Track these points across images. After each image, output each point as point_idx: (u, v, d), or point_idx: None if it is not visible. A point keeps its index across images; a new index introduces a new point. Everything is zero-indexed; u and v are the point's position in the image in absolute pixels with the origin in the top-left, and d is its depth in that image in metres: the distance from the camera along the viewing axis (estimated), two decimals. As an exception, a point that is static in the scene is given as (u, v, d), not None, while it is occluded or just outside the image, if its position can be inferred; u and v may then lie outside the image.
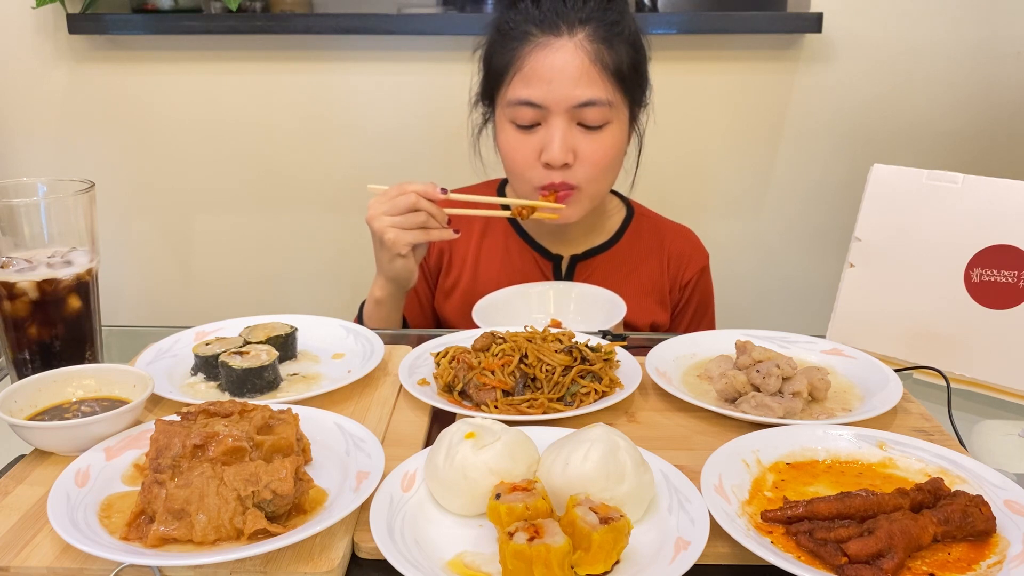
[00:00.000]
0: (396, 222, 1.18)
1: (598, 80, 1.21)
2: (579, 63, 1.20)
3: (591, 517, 0.63)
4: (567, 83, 1.19)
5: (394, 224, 1.18)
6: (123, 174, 2.15)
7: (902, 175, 1.08)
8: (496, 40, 1.27)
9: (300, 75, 2.06)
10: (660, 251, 1.42)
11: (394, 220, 1.17)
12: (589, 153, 1.23)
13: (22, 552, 0.66)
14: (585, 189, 1.26)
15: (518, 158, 1.25)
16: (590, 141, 1.23)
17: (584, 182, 1.25)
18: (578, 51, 1.20)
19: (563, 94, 1.20)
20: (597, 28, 1.21)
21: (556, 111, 1.21)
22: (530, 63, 1.21)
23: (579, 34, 1.21)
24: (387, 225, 1.18)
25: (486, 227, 1.41)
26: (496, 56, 1.26)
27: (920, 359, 1.05)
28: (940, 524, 0.66)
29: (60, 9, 1.97)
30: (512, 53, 1.23)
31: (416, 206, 1.17)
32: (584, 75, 1.20)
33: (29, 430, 0.79)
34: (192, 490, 0.66)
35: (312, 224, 2.18)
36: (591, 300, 1.27)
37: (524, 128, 1.24)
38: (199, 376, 0.98)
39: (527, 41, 1.22)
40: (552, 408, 0.89)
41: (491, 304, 1.23)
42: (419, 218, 1.18)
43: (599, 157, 1.24)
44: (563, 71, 1.19)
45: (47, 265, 0.93)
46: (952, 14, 1.97)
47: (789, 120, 2.08)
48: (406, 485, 0.73)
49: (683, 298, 1.43)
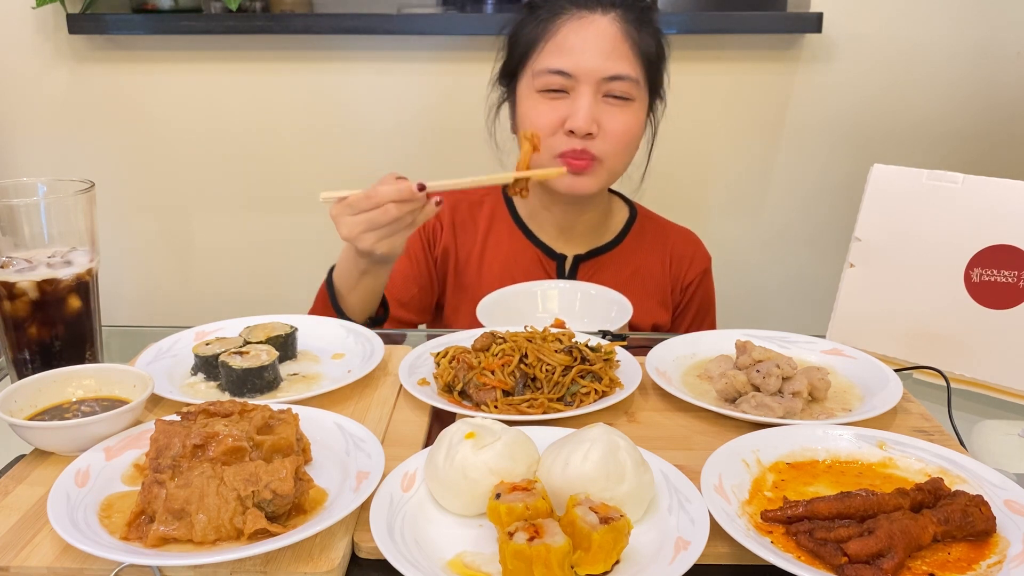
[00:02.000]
0: (380, 234, 1.08)
1: (628, 56, 1.24)
2: (612, 37, 1.23)
3: (591, 517, 0.63)
4: (598, 55, 1.23)
5: (379, 237, 1.08)
6: (123, 174, 2.15)
7: (902, 175, 1.08)
8: (526, 18, 1.30)
9: (300, 75, 2.06)
10: (663, 252, 1.42)
11: (378, 234, 1.08)
12: (613, 126, 1.25)
13: (22, 552, 0.66)
14: (605, 162, 1.27)
15: (542, 123, 1.25)
16: (614, 115, 1.26)
17: (604, 155, 1.26)
18: (611, 26, 1.24)
19: (594, 65, 1.23)
20: (629, 11, 1.26)
21: (585, 81, 1.23)
22: (563, 33, 1.24)
23: (612, 12, 1.25)
24: (373, 241, 1.08)
25: (490, 226, 1.41)
26: (526, 31, 1.29)
27: (920, 359, 1.05)
28: (940, 524, 0.66)
29: (60, 9, 1.97)
30: (544, 25, 1.26)
31: (399, 216, 1.07)
32: (615, 49, 1.23)
33: (29, 430, 0.79)
34: (192, 490, 0.66)
35: (312, 224, 2.18)
36: (596, 300, 1.27)
37: (551, 94, 1.25)
38: (199, 376, 0.98)
39: (561, 14, 1.26)
40: (552, 408, 0.89)
41: (495, 302, 1.23)
42: (403, 222, 1.09)
43: (622, 131, 1.26)
44: (595, 43, 1.23)
45: (47, 265, 0.93)
46: (952, 14, 1.97)
47: (789, 120, 2.08)
48: (406, 485, 0.73)
49: (684, 299, 1.43)
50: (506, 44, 1.33)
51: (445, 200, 1.40)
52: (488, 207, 1.43)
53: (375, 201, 1.07)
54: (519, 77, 1.31)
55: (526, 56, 1.28)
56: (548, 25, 1.26)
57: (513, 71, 1.32)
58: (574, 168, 1.25)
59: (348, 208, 1.09)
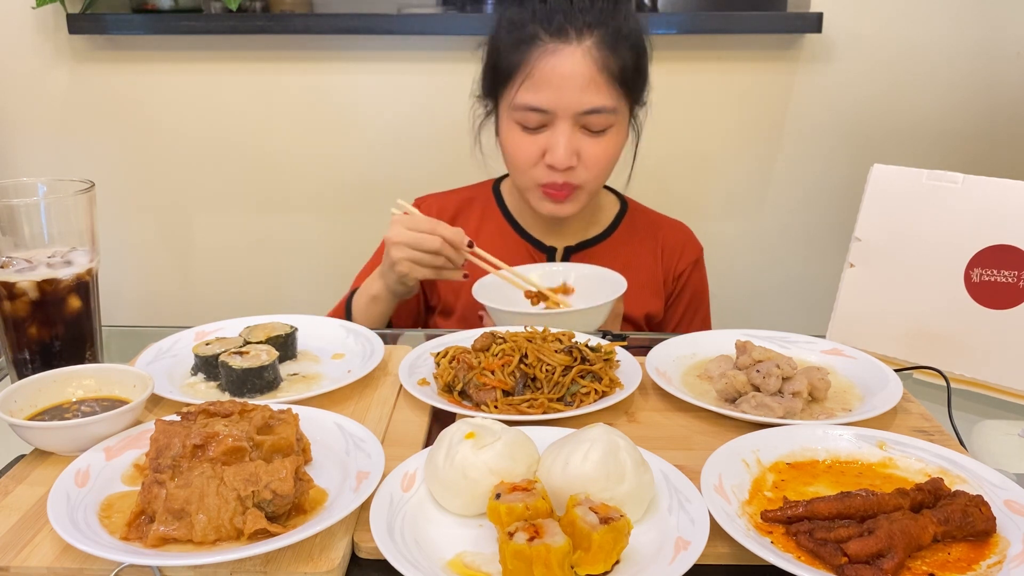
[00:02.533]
0: (414, 256, 1.18)
1: (604, 88, 1.22)
2: (587, 71, 1.21)
3: (591, 517, 0.63)
4: (574, 91, 1.21)
5: (411, 258, 1.18)
6: (123, 174, 2.14)
7: (902, 175, 1.08)
8: (503, 39, 1.27)
9: (300, 75, 2.06)
10: (654, 243, 1.43)
11: (413, 255, 1.17)
12: (592, 156, 1.26)
13: (22, 552, 0.66)
14: (585, 187, 1.29)
15: (522, 156, 1.28)
16: (593, 144, 1.25)
17: (585, 182, 1.28)
18: (586, 58, 1.21)
19: (570, 101, 1.21)
20: (605, 34, 1.22)
21: (562, 116, 1.23)
22: (539, 69, 1.22)
23: (587, 40, 1.22)
24: (404, 257, 1.18)
25: (481, 223, 1.42)
26: (503, 56, 1.26)
27: (920, 359, 1.05)
28: (940, 524, 0.66)
29: (60, 9, 1.97)
30: (520, 56, 1.23)
31: (440, 251, 1.17)
32: (591, 83, 1.21)
33: (29, 430, 0.79)
34: (192, 490, 0.66)
35: (312, 224, 2.18)
36: (591, 279, 1.28)
37: (530, 129, 1.26)
38: (199, 376, 0.98)
39: (535, 45, 1.22)
40: (552, 408, 0.89)
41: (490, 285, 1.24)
42: (437, 261, 1.19)
43: (601, 160, 1.27)
44: (571, 79, 1.21)
45: (47, 265, 0.93)
46: (952, 14, 1.97)
47: (789, 120, 2.08)
48: (406, 485, 0.73)
49: (677, 288, 1.44)
50: (484, 63, 1.31)
51: (434, 202, 1.43)
52: (479, 204, 1.44)
53: (431, 228, 1.17)
54: (499, 99, 1.30)
55: (503, 84, 1.27)
56: (523, 55, 1.23)
57: (494, 92, 1.31)
58: (555, 199, 1.29)
59: (408, 221, 1.19)
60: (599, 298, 1.16)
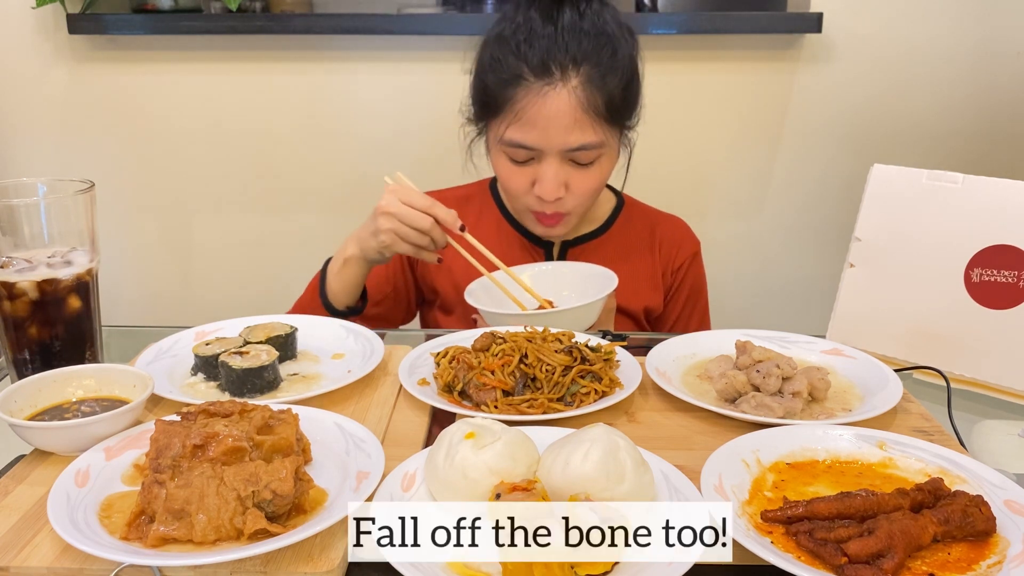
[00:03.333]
0: (402, 231, 1.18)
1: (590, 126, 1.20)
2: (571, 111, 1.19)
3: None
4: (560, 131, 1.20)
5: (398, 231, 1.18)
6: (123, 174, 2.14)
7: (902, 175, 1.08)
8: (488, 71, 1.24)
9: (300, 75, 2.06)
10: (651, 238, 1.43)
11: (401, 228, 1.18)
12: (580, 186, 1.26)
13: (22, 552, 0.66)
14: (575, 212, 1.30)
15: (512, 186, 1.28)
16: (581, 175, 1.25)
17: (575, 208, 1.29)
18: (571, 98, 1.18)
19: (556, 141, 1.21)
20: (590, 70, 1.19)
21: (549, 152, 1.22)
22: (523, 109, 1.20)
23: (572, 79, 1.19)
24: (391, 228, 1.18)
25: (478, 219, 1.42)
26: (489, 91, 1.24)
27: (920, 359, 1.05)
28: (940, 524, 0.66)
29: (60, 9, 1.97)
30: (505, 93, 1.21)
31: (429, 232, 1.18)
32: (576, 123, 1.19)
33: (29, 430, 0.79)
34: (192, 490, 0.66)
35: (312, 224, 2.18)
36: (582, 276, 1.28)
37: (519, 162, 1.26)
38: (199, 376, 0.98)
39: (520, 84, 1.20)
40: (552, 408, 0.89)
41: (482, 287, 1.24)
42: (423, 240, 1.19)
43: (590, 189, 1.27)
44: (556, 120, 1.19)
45: (47, 265, 0.92)
46: (952, 14, 1.97)
47: (789, 120, 2.08)
48: (406, 485, 0.73)
49: (675, 283, 1.44)
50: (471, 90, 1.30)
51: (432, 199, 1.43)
52: (477, 201, 1.45)
53: (426, 206, 1.18)
54: (488, 126, 1.29)
55: (490, 116, 1.26)
56: (508, 93, 1.21)
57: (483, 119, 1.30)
58: (545, 224, 1.30)
59: (404, 193, 1.19)
60: (591, 295, 1.16)
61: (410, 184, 1.22)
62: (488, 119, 1.28)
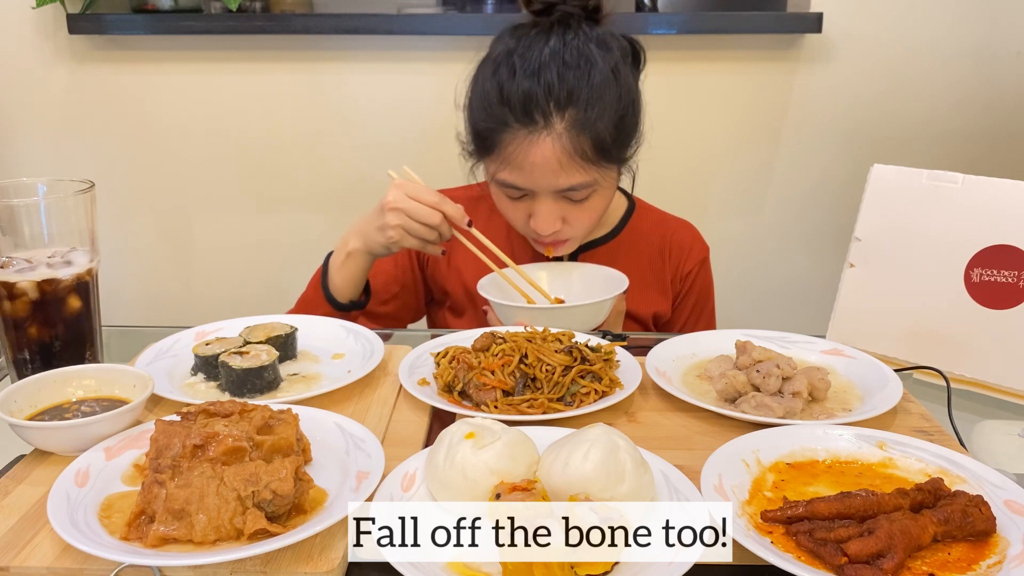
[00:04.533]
0: (410, 226, 1.17)
1: (578, 170, 1.17)
2: (557, 158, 1.15)
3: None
4: (548, 175, 1.17)
5: (406, 227, 1.17)
6: (123, 174, 2.14)
7: (902, 175, 1.08)
8: (477, 114, 1.22)
9: (300, 75, 2.06)
10: (661, 243, 1.43)
11: (409, 224, 1.17)
12: (577, 219, 1.25)
13: (22, 552, 0.66)
14: (576, 238, 1.30)
15: (511, 218, 1.29)
16: (577, 210, 1.24)
17: (574, 235, 1.28)
18: (556, 145, 1.15)
19: (546, 184, 1.19)
20: (576, 114, 1.15)
21: (542, 192, 1.21)
22: (512, 154, 1.18)
23: (557, 125, 1.14)
24: (400, 224, 1.17)
25: (489, 218, 1.42)
26: (479, 133, 1.23)
27: (920, 359, 1.05)
28: (940, 524, 0.66)
29: (60, 9, 1.97)
30: (494, 138, 1.19)
31: (437, 227, 1.18)
32: (564, 168, 1.16)
33: (29, 430, 0.79)
34: (192, 490, 0.66)
35: (312, 224, 2.18)
36: (593, 276, 1.28)
37: (514, 199, 1.25)
38: (199, 376, 0.98)
39: (506, 131, 1.17)
40: (552, 408, 0.89)
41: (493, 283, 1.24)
42: (431, 235, 1.19)
43: (587, 221, 1.26)
44: (543, 166, 1.16)
45: (47, 265, 0.92)
46: (952, 14, 1.97)
47: (789, 120, 2.08)
48: (406, 485, 0.73)
49: (684, 288, 1.44)
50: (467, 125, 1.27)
51: (440, 193, 1.42)
52: (487, 204, 1.44)
53: (434, 202, 1.18)
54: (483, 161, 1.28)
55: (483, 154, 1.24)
56: (495, 138, 1.18)
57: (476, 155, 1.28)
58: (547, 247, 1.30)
59: (411, 188, 1.18)
60: (601, 296, 1.16)
61: (417, 178, 1.21)
62: (482, 156, 1.27)
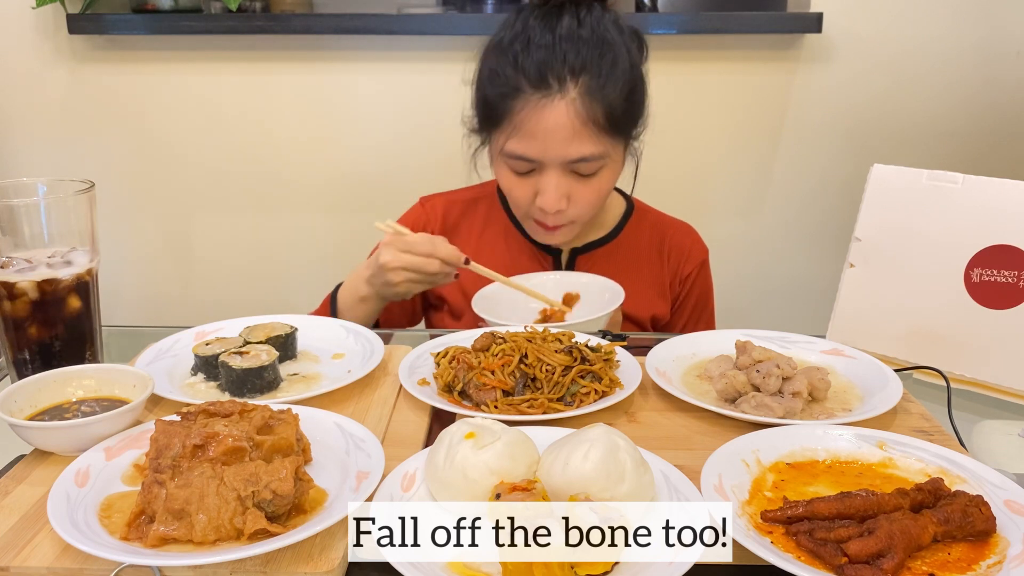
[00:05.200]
0: (412, 278, 1.19)
1: (590, 138, 1.19)
2: (571, 124, 1.17)
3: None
4: (560, 143, 1.19)
5: (409, 279, 1.19)
6: (123, 174, 2.15)
7: (902, 175, 1.08)
8: (487, 84, 1.24)
9: (300, 75, 2.06)
10: (660, 245, 1.43)
11: (411, 277, 1.18)
12: (583, 196, 1.25)
13: (22, 552, 0.66)
14: (579, 220, 1.30)
15: (515, 196, 1.28)
16: (584, 186, 1.25)
17: (578, 216, 1.28)
18: (569, 110, 1.17)
19: (556, 153, 1.20)
20: (590, 81, 1.17)
21: (550, 164, 1.22)
22: (523, 122, 1.19)
23: (571, 91, 1.17)
24: (403, 279, 1.18)
25: (486, 224, 1.42)
26: (489, 103, 1.24)
27: (920, 359, 1.05)
28: (940, 524, 0.66)
29: (60, 9, 1.97)
30: (505, 106, 1.21)
31: (436, 272, 1.19)
32: (576, 135, 1.18)
33: (29, 430, 0.79)
34: (192, 490, 0.66)
35: (312, 224, 2.18)
36: (589, 289, 1.28)
37: (521, 173, 1.25)
38: (199, 376, 0.98)
39: (518, 97, 1.19)
40: (552, 408, 0.89)
41: (489, 297, 1.24)
42: (436, 279, 1.21)
43: (593, 199, 1.27)
44: (555, 132, 1.18)
45: (47, 265, 0.92)
46: (952, 14, 1.97)
47: (789, 120, 2.08)
48: (406, 485, 0.73)
49: (683, 291, 1.44)
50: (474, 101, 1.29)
51: (440, 201, 1.43)
52: (484, 206, 1.44)
53: (428, 251, 1.17)
54: (490, 136, 1.29)
55: (491, 127, 1.26)
56: (507, 106, 1.20)
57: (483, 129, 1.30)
58: (549, 231, 1.30)
59: (402, 243, 1.18)
60: (596, 307, 1.16)
61: (403, 230, 1.21)
62: (489, 130, 1.27)
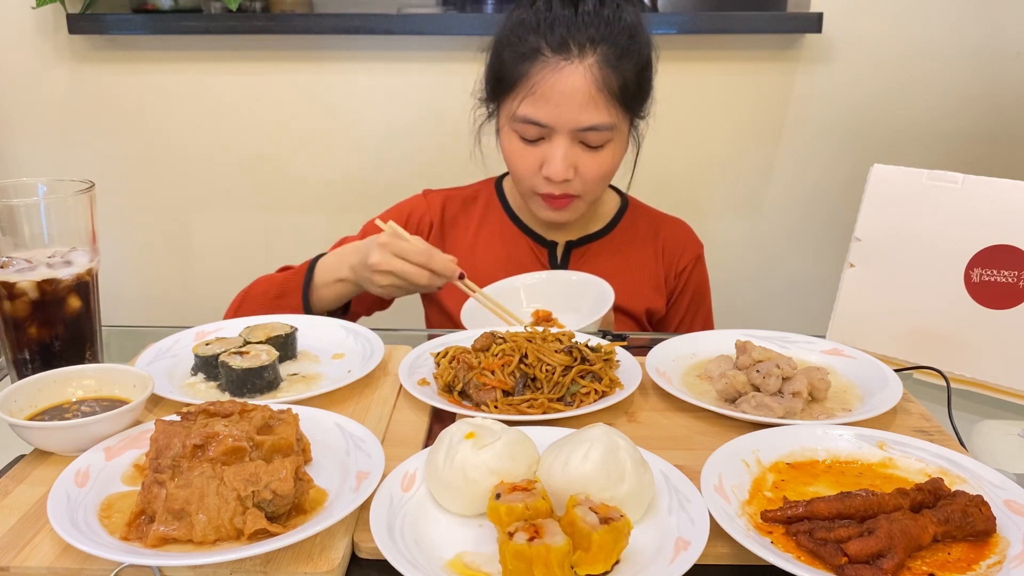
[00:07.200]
0: (398, 284, 1.18)
1: (603, 106, 1.22)
2: (586, 89, 1.20)
3: (591, 517, 0.62)
4: (573, 108, 1.21)
5: (395, 285, 1.19)
6: (123, 174, 2.14)
7: (902, 175, 1.08)
8: (506, 48, 1.26)
9: (300, 75, 2.06)
10: (655, 239, 1.44)
11: (397, 282, 1.18)
12: (589, 169, 1.26)
13: (22, 552, 0.66)
14: (583, 197, 1.30)
15: (521, 166, 1.29)
16: (590, 159, 1.26)
17: (582, 192, 1.29)
18: (586, 76, 1.20)
19: (568, 118, 1.22)
20: (608, 51, 1.21)
21: (560, 131, 1.23)
22: (539, 84, 1.22)
23: (589, 57, 1.21)
24: (388, 283, 1.18)
25: (483, 218, 1.42)
26: (506, 65, 1.26)
27: (920, 359, 1.05)
28: (940, 524, 0.66)
29: (60, 9, 1.97)
30: (522, 69, 1.23)
31: (425, 284, 1.18)
32: (590, 101, 1.21)
33: (29, 430, 0.79)
34: (192, 490, 0.66)
35: (312, 224, 2.18)
36: (577, 287, 1.28)
37: (529, 141, 1.26)
38: (199, 376, 0.98)
39: (537, 60, 1.22)
40: (552, 408, 0.89)
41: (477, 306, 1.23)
42: (421, 288, 1.21)
43: (599, 173, 1.28)
44: (571, 96, 1.21)
45: (47, 265, 0.93)
46: (952, 14, 1.97)
47: (789, 120, 2.08)
48: (406, 485, 0.73)
49: (679, 286, 1.45)
50: (487, 67, 1.31)
51: (438, 197, 1.44)
52: (482, 201, 1.45)
53: (423, 261, 1.16)
54: (500, 105, 1.31)
55: (504, 92, 1.27)
56: (525, 68, 1.23)
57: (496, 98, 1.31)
58: (553, 206, 1.30)
59: (397, 247, 1.16)
60: (584, 307, 1.16)
61: (404, 233, 1.19)
62: (501, 96, 1.29)
